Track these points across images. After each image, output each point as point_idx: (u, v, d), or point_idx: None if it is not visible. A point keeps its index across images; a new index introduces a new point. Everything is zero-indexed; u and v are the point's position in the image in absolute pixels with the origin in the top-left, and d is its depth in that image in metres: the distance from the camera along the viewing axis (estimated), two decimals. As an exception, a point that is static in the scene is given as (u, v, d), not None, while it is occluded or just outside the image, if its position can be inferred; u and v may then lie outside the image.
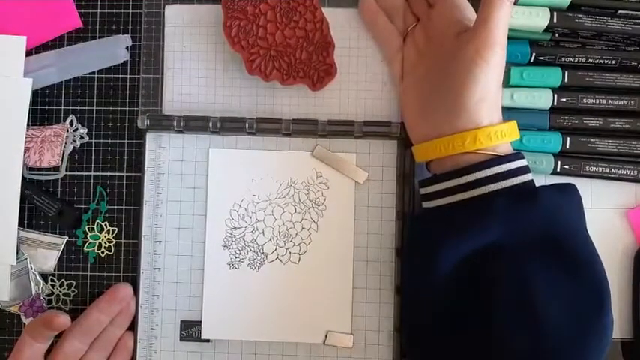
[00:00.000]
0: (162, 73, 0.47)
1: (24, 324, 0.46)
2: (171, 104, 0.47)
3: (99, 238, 0.47)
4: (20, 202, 0.46)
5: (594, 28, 0.43)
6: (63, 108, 0.48)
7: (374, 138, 0.46)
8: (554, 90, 0.44)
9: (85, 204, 0.47)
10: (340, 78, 0.46)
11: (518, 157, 0.38)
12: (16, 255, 0.46)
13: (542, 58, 0.44)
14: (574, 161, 0.44)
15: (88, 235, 0.47)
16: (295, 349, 0.45)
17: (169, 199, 0.46)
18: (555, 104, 0.44)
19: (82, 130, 0.47)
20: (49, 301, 0.47)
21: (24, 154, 0.46)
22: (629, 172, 0.44)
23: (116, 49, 0.47)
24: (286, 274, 0.45)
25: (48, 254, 0.47)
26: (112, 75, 0.48)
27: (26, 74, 0.46)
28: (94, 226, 0.47)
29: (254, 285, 0.45)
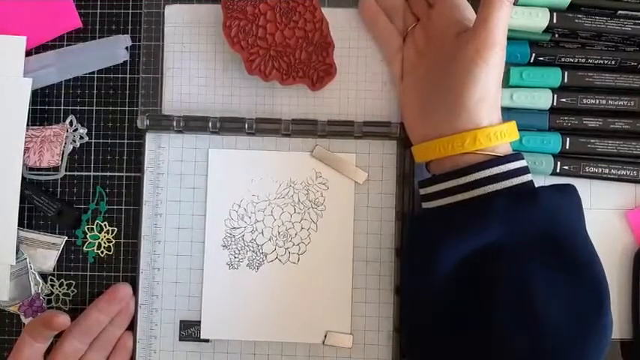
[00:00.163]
0: (162, 73, 0.47)
1: (23, 324, 0.46)
2: (171, 104, 0.47)
3: (98, 238, 0.47)
4: (20, 202, 0.46)
5: (594, 28, 0.43)
6: (63, 108, 0.48)
7: (374, 138, 0.46)
8: (553, 90, 0.44)
9: (85, 204, 0.47)
10: (340, 78, 0.46)
11: (517, 157, 0.38)
12: (16, 255, 0.46)
13: (542, 58, 0.44)
14: (574, 162, 0.44)
15: (87, 235, 0.47)
16: (294, 349, 0.45)
17: (169, 199, 0.46)
18: (555, 104, 0.44)
19: (82, 130, 0.47)
20: (48, 301, 0.47)
21: (24, 154, 0.46)
22: (628, 172, 0.44)
23: (116, 49, 0.47)
24: (285, 274, 0.45)
25: (47, 254, 0.47)
26: (112, 75, 0.48)
27: (26, 74, 0.46)
28: (93, 226, 0.47)
29: (253, 285, 0.45)
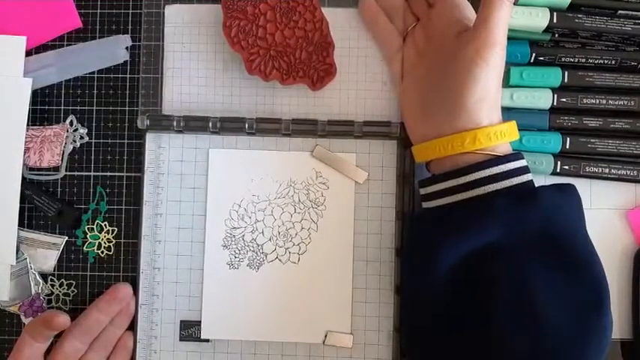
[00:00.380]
0: (162, 73, 0.47)
1: (23, 324, 0.46)
2: (171, 104, 0.47)
3: (98, 238, 0.47)
4: (20, 202, 0.46)
5: (594, 28, 0.43)
6: (63, 108, 0.48)
7: (374, 138, 0.46)
8: (554, 90, 0.44)
9: (85, 204, 0.47)
10: (340, 78, 0.46)
11: (517, 157, 0.38)
12: (16, 255, 0.46)
13: (542, 58, 0.44)
14: (574, 161, 0.44)
15: (87, 235, 0.47)
16: (295, 349, 0.45)
17: (169, 199, 0.46)
18: (555, 104, 0.44)
19: (82, 130, 0.47)
20: (48, 301, 0.47)
21: (24, 154, 0.46)
22: (628, 172, 0.44)
23: (116, 49, 0.47)
24: (286, 274, 0.45)
25: (48, 254, 0.47)
26: (112, 75, 0.48)
27: (26, 74, 0.46)
28: (93, 226, 0.47)
29: (254, 285, 0.45)
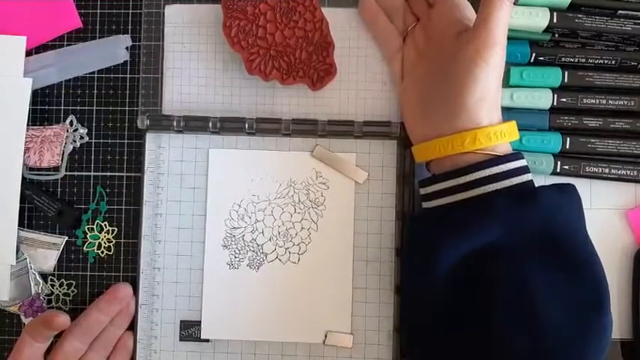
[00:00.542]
0: (162, 73, 0.47)
1: (23, 324, 0.46)
2: (171, 104, 0.47)
3: (98, 238, 0.47)
4: (20, 202, 0.46)
5: (594, 28, 0.43)
6: (63, 108, 0.48)
7: (374, 138, 0.46)
8: (554, 90, 0.44)
9: (85, 204, 0.47)
10: (340, 78, 0.46)
11: (517, 157, 0.38)
12: (16, 255, 0.46)
13: (542, 58, 0.44)
14: (574, 161, 0.44)
15: (87, 235, 0.47)
16: (295, 349, 0.45)
17: (169, 199, 0.46)
18: (555, 104, 0.44)
19: (82, 130, 0.47)
20: (48, 301, 0.47)
21: (24, 154, 0.46)
22: (628, 172, 0.44)
23: (116, 49, 0.47)
24: (286, 274, 0.45)
25: (48, 254, 0.47)
26: (112, 75, 0.48)
27: (26, 74, 0.46)
28: (93, 226, 0.47)
29: (254, 285, 0.45)
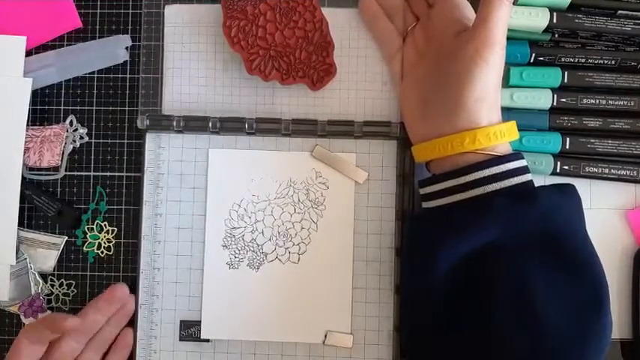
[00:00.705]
0: (162, 73, 0.47)
1: (23, 324, 0.46)
2: (171, 104, 0.47)
3: (98, 238, 0.47)
4: (20, 202, 0.46)
5: (594, 28, 0.43)
6: (63, 108, 0.48)
7: (374, 138, 0.46)
8: (553, 90, 0.44)
9: (85, 204, 0.47)
10: (340, 78, 0.46)
11: (517, 157, 0.38)
12: (16, 255, 0.46)
13: (542, 58, 0.44)
14: (574, 162, 0.44)
15: (87, 235, 0.47)
16: (295, 349, 0.45)
17: (169, 199, 0.46)
18: (555, 104, 0.44)
19: (82, 130, 0.47)
20: (48, 301, 0.47)
21: (24, 154, 0.46)
22: (628, 172, 0.44)
23: (116, 49, 0.47)
24: (286, 274, 0.45)
25: (47, 254, 0.47)
26: (112, 75, 0.48)
27: (26, 74, 0.46)
28: (93, 226, 0.47)
29: (253, 285, 0.45)
